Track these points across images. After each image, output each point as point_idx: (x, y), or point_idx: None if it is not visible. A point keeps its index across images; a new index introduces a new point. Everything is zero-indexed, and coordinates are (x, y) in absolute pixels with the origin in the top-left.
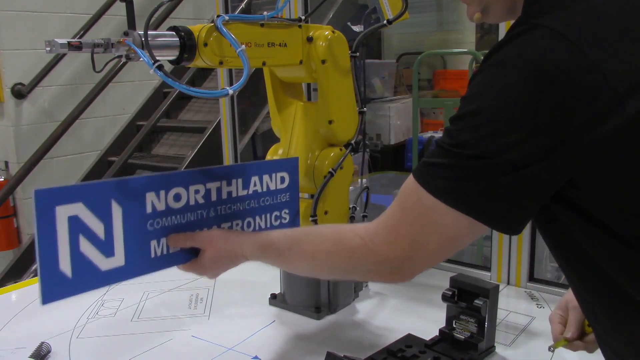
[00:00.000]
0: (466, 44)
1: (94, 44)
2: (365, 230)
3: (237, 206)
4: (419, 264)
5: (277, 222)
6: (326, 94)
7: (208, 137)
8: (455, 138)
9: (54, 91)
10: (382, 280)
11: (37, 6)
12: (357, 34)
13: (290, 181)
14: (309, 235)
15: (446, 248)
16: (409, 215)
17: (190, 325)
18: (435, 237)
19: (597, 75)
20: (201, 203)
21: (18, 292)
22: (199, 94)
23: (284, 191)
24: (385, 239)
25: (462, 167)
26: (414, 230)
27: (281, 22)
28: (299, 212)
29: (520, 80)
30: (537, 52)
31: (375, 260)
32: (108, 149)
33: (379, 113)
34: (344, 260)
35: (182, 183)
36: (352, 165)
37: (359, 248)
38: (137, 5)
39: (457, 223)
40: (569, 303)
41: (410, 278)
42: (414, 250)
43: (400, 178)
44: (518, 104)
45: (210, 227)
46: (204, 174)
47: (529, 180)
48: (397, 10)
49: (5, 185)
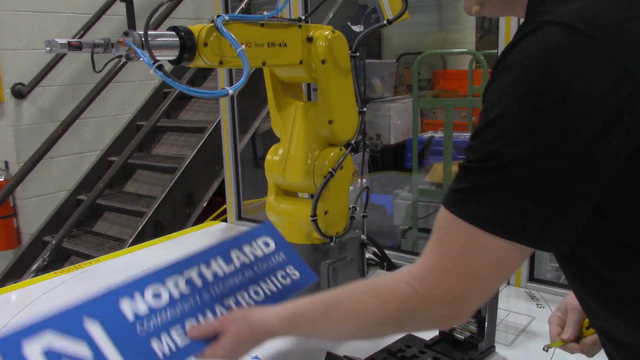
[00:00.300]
0: (466, 44)
1: (94, 44)
2: (410, 275)
3: (232, 281)
4: (475, 297)
5: (287, 280)
6: (326, 94)
7: (208, 137)
8: (480, 151)
9: (54, 91)
10: (439, 325)
11: (37, 6)
12: (357, 34)
13: (276, 243)
14: (345, 294)
15: (500, 274)
16: (453, 248)
17: None
18: (487, 266)
19: (621, 70)
20: (188, 292)
21: (18, 292)
22: (199, 94)
23: (275, 253)
24: (435, 278)
25: (494, 186)
26: (463, 262)
27: (281, 22)
28: (304, 262)
29: (540, 79)
30: (552, 49)
31: (429, 305)
32: (108, 149)
33: (379, 113)
34: (393, 314)
35: (155, 281)
36: (352, 165)
37: (408, 296)
38: (137, 5)
39: (505, 247)
40: (568, 305)
41: (469, 316)
42: (467, 284)
43: (401, 178)
44: (540, 104)
45: (213, 308)
46: (174, 267)
47: (567, 188)
48: (397, 10)
49: (5, 185)
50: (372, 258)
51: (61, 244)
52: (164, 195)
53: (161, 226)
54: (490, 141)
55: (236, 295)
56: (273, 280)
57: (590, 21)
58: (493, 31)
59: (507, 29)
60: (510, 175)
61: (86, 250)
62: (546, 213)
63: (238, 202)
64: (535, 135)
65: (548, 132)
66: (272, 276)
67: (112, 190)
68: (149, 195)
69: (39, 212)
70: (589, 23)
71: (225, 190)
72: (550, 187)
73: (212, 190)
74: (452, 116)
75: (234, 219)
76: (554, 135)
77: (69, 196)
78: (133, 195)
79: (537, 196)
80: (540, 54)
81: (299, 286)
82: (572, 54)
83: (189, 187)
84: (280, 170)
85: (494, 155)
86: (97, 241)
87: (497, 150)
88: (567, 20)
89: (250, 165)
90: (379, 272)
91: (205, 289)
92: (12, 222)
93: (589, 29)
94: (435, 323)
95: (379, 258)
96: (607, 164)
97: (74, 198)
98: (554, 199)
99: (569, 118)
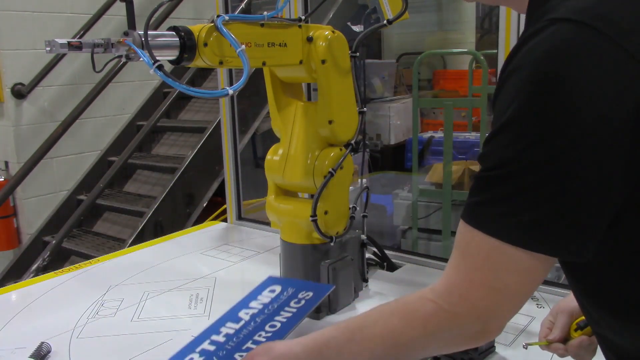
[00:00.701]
0: (466, 44)
1: (94, 44)
2: (433, 293)
3: (245, 330)
4: (504, 311)
5: (301, 302)
6: (326, 94)
7: (208, 137)
8: (493, 158)
9: (54, 91)
10: (469, 343)
11: (37, 6)
12: (357, 34)
13: (282, 285)
14: (370, 318)
15: (528, 286)
16: (476, 261)
17: (190, 325)
18: (513, 278)
19: (635, 67)
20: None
21: (18, 292)
22: (199, 94)
23: (282, 292)
24: (460, 293)
25: (512, 195)
26: (488, 275)
27: (281, 22)
28: (315, 283)
29: (551, 79)
30: (564, 48)
31: (457, 322)
32: (108, 149)
33: (379, 113)
34: (420, 333)
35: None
36: (352, 165)
37: (434, 313)
38: (137, 5)
39: (529, 258)
40: (559, 309)
41: (499, 331)
42: (494, 297)
43: (401, 178)
44: (553, 106)
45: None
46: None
47: (587, 192)
48: (397, 10)
49: (5, 185)
50: (372, 258)
51: (61, 244)
52: (164, 195)
53: (161, 226)
54: (504, 147)
55: (253, 338)
56: (287, 310)
57: (602, 17)
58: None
59: (507, 29)
60: (526, 183)
61: (86, 250)
62: (567, 220)
63: (238, 202)
64: (549, 139)
65: (562, 135)
66: (286, 307)
67: (112, 190)
68: (149, 195)
69: (39, 212)
70: (600, 19)
71: (225, 190)
72: (569, 192)
73: (212, 190)
74: (452, 116)
75: (234, 219)
76: (568, 138)
77: (69, 196)
78: (133, 195)
79: (556, 203)
80: (551, 53)
81: (314, 301)
82: (584, 51)
83: (189, 187)
84: (280, 170)
85: (507, 162)
86: (97, 241)
87: (511, 156)
88: (578, 17)
89: (250, 165)
90: (378, 272)
91: (220, 349)
92: (12, 222)
93: (600, 25)
94: (465, 341)
95: (379, 258)
96: (626, 164)
97: (74, 198)
98: (573, 205)
99: (583, 118)
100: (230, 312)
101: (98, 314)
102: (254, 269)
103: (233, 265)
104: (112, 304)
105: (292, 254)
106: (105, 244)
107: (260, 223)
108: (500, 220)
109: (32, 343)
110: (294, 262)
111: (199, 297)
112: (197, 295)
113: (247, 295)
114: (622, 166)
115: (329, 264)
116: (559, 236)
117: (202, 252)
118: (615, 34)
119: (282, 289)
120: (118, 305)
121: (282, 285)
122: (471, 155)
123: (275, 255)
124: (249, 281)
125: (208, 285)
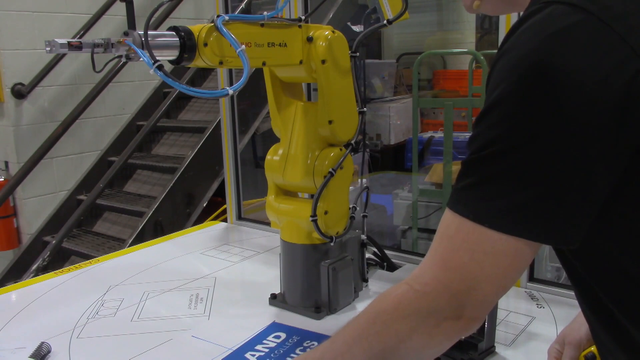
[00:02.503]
0: (466, 44)
1: (94, 44)
2: (409, 277)
3: None
4: (482, 294)
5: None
6: (326, 94)
7: (208, 137)
8: (482, 138)
9: (54, 91)
10: (451, 330)
11: (37, 6)
12: (357, 34)
13: (287, 332)
14: (352, 321)
15: (509, 269)
16: (454, 243)
17: (190, 325)
18: (491, 260)
19: (626, 49)
20: None
21: (18, 292)
22: (199, 94)
23: (287, 339)
24: (434, 274)
25: (497, 177)
26: (464, 257)
27: (281, 22)
28: (316, 333)
29: (542, 59)
30: (556, 30)
31: (429, 305)
32: (108, 149)
33: (379, 113)
34: (392, 318)
35: None
36: (352, 165)
37: (405, 294)
38: (137, 5)
39: (512, 244)
40: (566, 337)
41: (479, 319)
42: (470, 280)
43: (401, 178)
44: (542, 85)
45: None
46: None
47: (574, 174)
48: (397, 10)
49: (5, 185)
50: (372, 258)
51: (61, 244)
52: (164, 195)
53: (161, 226)
54: (490, 127)
55: None
56: (292, 356)
57: (595, 1)
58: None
59: (507, 29)
60: (511, 163)
61: (86, 250)
62: (550, 204)
63: (238, 202)
64: (533, 120)
65: (550, 115)
66: (292, 354)
67: (112, 190)
68: (149, 195)
69: (39, 212)
70: (593, 2)
71: (225, 190)
72: (556, 174)
73: (212, 190)
74: (452, 116)
75: (234, 219)
76: (556, 118)
77: (69, 196)
78: (133, 195)
79: (542, 185)
80: (542, 36)
81: None
82: (576, 32)
83: (189, 187)
84: (280, 170)
85: (494, 141)
86: (97, 241)
87: (497, 135)
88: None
89: (250, 165)
90: (378, 272)
91: None
92: (12, 222)
93: (594, 8)
94: (445, 325)
95: (379, 258)
96: (614, 147)
97: (74, 198)
98: (560, 187)
99: (572, 98)
100: (236, 353)
101: (98, 314)
102: (254, 269)
103: (233, 265)
104: (112, 304)
105: (292, 254)
106: (105, 244)
107: (260, 223)
108: (483, 204)
109: (32, 343)
110: (294, 262)
111: (199, 297)
112: (197, 295)
113: (251, 338)
114: (608, 150)
115: (329, 264)
116: (544, 221)
117: (202, 252)
118: (607, 17)
119: (287, 336)
120: (118, 305)
121: (287, 333)
122: None
123: (275, 255)
124: (249, 281)
125: (208, 285)
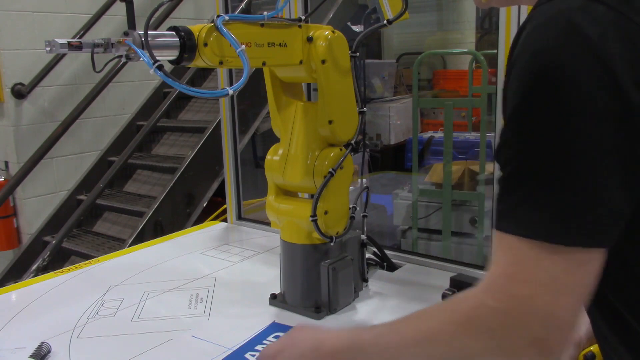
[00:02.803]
0: (466, 44)
1: (94, 44)
2: (476, 290)
3: None
4: (562, 307)
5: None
6: (326, 94)
7: (208, 137)
8: (503, 155)
9: (54, 91)
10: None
11: (37, 6)
12: (357, 34)
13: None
14: (411, 318)
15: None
16: (516, 256)
17: (190, 325)
18: (559, 267)
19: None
20: None
21: (18, 292)
22: (199, 94)
23: None
24: (505, 288)
25: (541, 187)
26: (532, 268)
27: (281, 22)
28: None
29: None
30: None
31: (504, 320)
32: (108, 149)
33: (379, 113)
34: (462, 332)
35: None
36: (352, 165)
37: (475, 308)
38: (137, 5)
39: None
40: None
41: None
42: (543, 291)
43: (401, 178)
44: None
45: None
46: None
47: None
48: (397, 10)
49: (5, 185)
50: (372, 258)
51: (61, 244)
52: (164, 195)
53: (161, 226)
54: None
55: None
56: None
57: None
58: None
59: (507, 29)
60: (553, 163)
61: (86, 250)
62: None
63: (238, 202)
64: (548, 133)
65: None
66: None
67: (112, 190)
68: (149, 195)
69: (39, 212)
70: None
71: (225, 190)
72: (586, 179)
73: (212, 190)
74: (452, 116)
75: (234, 219)
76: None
77: (69, 196)
78: (133, 195)
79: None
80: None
81: None
82: (589, 24)
83: (189, 187)
84: (280, 170)
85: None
86: (97, 241)
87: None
88: None
89: (250, 165)
90: (378, 272)
91: None
92: (12, 222)
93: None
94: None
95: (379, 258)
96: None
97: (74, 198)
98: (589, 192)
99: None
100: (236, 353)
101: (98, 314)
102: (254, 269)
103: (233, 265)
104: (112, 304)
105: (292, 254)
106: (105, 244)
107: (260, 223)
108: (522, 220)
109: (32, 343)
110: (294, 262)
111: (199, 297)
112: (197, 295)
113: (251, 338)
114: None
115: (329, 264)
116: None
117: (202, 252)
118: (625, 9)
119: None
120: (118, 305)
121: None
122: (471, 155)
123: (275, 255)
124: (249, 281)
125: (208, 285)
